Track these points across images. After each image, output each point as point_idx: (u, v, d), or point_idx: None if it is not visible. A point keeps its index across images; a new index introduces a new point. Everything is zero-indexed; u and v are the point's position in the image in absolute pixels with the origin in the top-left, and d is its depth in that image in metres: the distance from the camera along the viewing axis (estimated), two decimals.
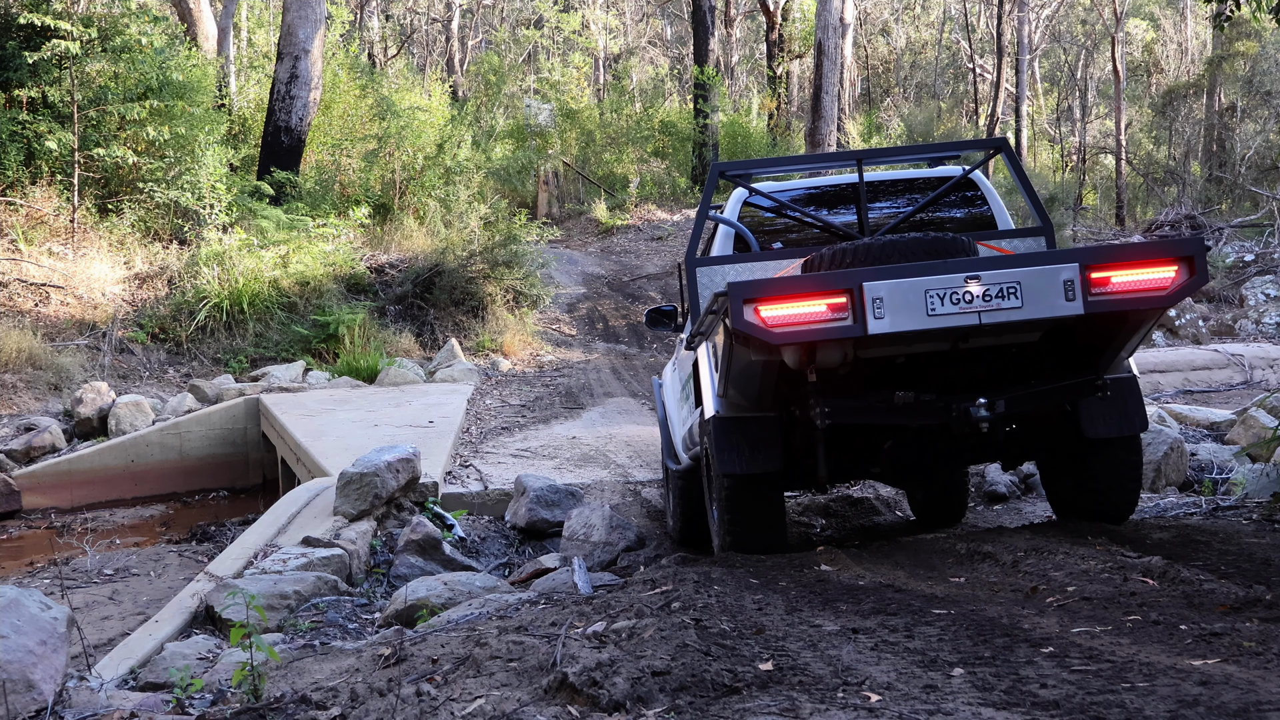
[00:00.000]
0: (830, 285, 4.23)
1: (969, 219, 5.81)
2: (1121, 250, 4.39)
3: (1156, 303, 4.33)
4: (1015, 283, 4.23)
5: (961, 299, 4.22)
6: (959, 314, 4.22)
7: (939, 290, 4.22)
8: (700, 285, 5.40)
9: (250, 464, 11.43)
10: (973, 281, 4.21)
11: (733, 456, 4.81)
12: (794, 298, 4.20)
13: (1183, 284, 4.27)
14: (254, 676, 3.49)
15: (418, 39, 39.90)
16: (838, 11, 19.36)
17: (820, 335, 4.24)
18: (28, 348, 12.39)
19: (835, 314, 4.21)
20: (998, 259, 4.41)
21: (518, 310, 15.44)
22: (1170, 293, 4.28)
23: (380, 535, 6.95)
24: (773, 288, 4.23)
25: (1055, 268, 4.25)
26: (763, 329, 4.16)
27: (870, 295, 4.17)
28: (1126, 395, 4.86)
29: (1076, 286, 4.24)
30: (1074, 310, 4.25)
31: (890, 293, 4.19)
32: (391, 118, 17.88)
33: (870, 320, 4.17)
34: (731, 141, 24.87)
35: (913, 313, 4.21)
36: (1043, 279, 4.23)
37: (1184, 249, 4.31)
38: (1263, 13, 8.09)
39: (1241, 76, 31.04)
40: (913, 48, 40.85)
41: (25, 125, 14.50)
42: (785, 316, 4.19)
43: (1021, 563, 4.68)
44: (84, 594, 7.27)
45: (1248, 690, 2.68)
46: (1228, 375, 14.38)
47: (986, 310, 4.22)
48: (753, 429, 4.82)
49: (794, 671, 3.00)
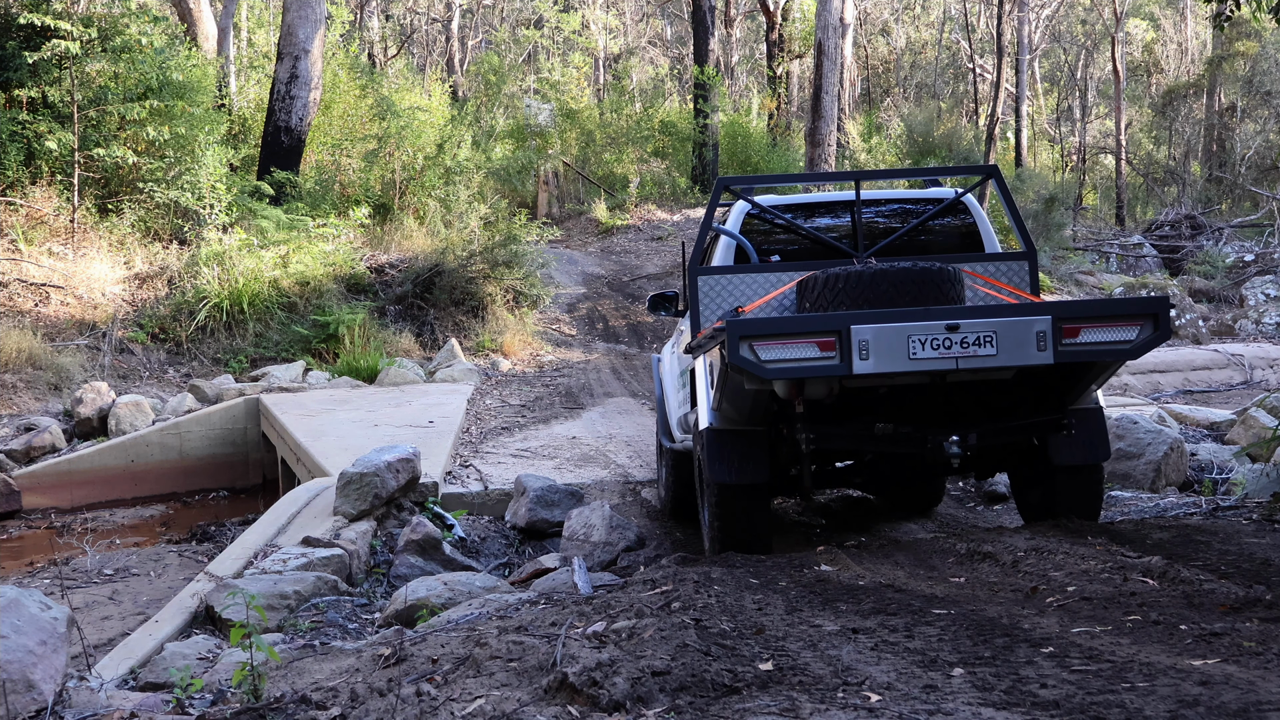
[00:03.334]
0: (819, 327, 4.54)
1: (959, 240, 6.11)
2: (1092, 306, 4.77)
3: (1121, 356, 4.68)
4: (991, 332, 4.55)
5: (941, 345, 4.54)
6: (938, 359, 4.54)
7: (921, 336, 4.53)
8: (701, 293, 5.71)
9: (250, 464, 11.42)
10: (954, 329, 4.52)
11: (723, 467, 5.11)
12: (786, 338, 4.51)
13: (1147, 339, 4.62)
14: (254, 676, 3.49)
15: (418, 39, 39.90)
16: (838, 11, 19.35)
17: (808, 372, 4.56)
18: (28, 348, 12.39)
19: (824, 353, 4.51)
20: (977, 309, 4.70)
21: (518, 310, 15.43)
22: (1134, 347, 4.63)
23: (380, 535, 6.95)
24: (767, 327, 4.58)
25: (1030, 319, 4.58)
26: (756, 364, 4.47)
27: (856, 338, 4.49)
28: (1091, 427, 5.18)
29: (1048, 338, 4.56)
30: (1044, 360, 4.57)
31: (875, 336, 4.51)
32: (391, 118, 17.87)
33: (856, 361, 4.49)
34: (731, 141, 24.85)
35: (895, 356, 4.52)
36: (1017, 330, 4.55)
37: (1149, 307, 4.65)
38: (1263, 13, 8.09)
39: (1241, 76, 31.03)
40: (913, 48, 40.84)
41: (25, 125, 14.50)
42: (777, 354, 4.49)
43: (1021, 563, 4.68)
44: (84, 594, 7.27)
45: (1248, 690, 2.68)
46: (1228, 375, 14.38)
47: (964, 356, 4.55)
48: (742, 442, 5.11)
49: (794, 671, 3.00)
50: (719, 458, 5.13)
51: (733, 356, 4.48)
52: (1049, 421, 5.15)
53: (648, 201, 23.15)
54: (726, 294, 5.77)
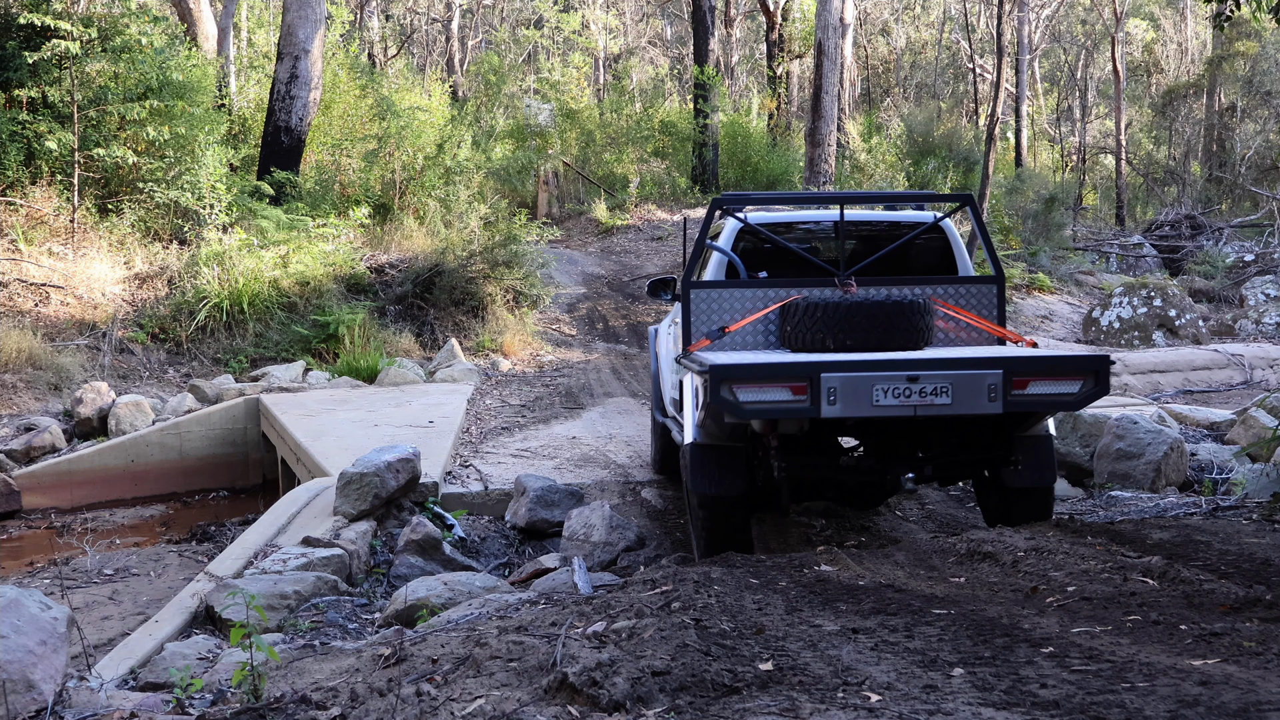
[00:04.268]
0: (792, 374, 4.92)
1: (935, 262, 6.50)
2: (1040, 361, 5.10)
3: (1065, 407, 5.11)
4: (948, 383, 4.95)
5: (902, 393, 4.93)
6: (898, 405, 4.94)
7: (884, 385, 4.92)
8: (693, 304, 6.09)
9: (250, 464, 11.42)
10: (913, 380, 4.92)
11: (705, 480, 5.49)
12: (763, 383, 4.91)
13: (1089, 393, 5.05)
14: (254, 676, 3.49)
15: (418, 39, 39.90)
16: (838, 11, 19.35)
17: (781, 414, 5.00)
18: (28, 348, 12.39)
19: (796, 396, 4.89)
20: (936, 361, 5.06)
21: (518, 310, 15.43)
22: (1077, 399, 5.05)
23: (380, 535, 6.95)
24: (745, 373, 4.92)
25: (983, 373, 4.95)
26: (735, 405, 4.87)
27: (826, 385, 4.88)
28: (1040, 454, 5.59)
29: (999, 390, 4.95)
30: (994, 409, 4.98)
31: (842, 384, 4.90)
32: (391, 118, 17.87)
33: (824, 405, 4.88)
34: (731, 141, 24.84)
35: (860, 402, 4.91)
36: (971, 382, 4.95)
37: (1092, 365, 5.06)
38: (1263, 13, 8.09)
39: (1241, 76, 31.03)
40: (913, 48, 40.84)
41: (25, 125, 14.50)
42: (754, 396, 4.89)
43: (1021, 563, 4.68)
44: (84, 594, 7.27)
45: (1248, 690, 2.68)
46: (1228, 375, 14.38)
47: (921, 405, 4.95)
48: (723, 457, 5.49)
49: (794, 671, 3.00)
50: (701, 471, 5.49)
51: (714, 397, 4.83)
52: (995, 452, 5.61)
53: (648, 201, 23.15)
54: (717, 306, 6.12)
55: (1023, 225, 21.74)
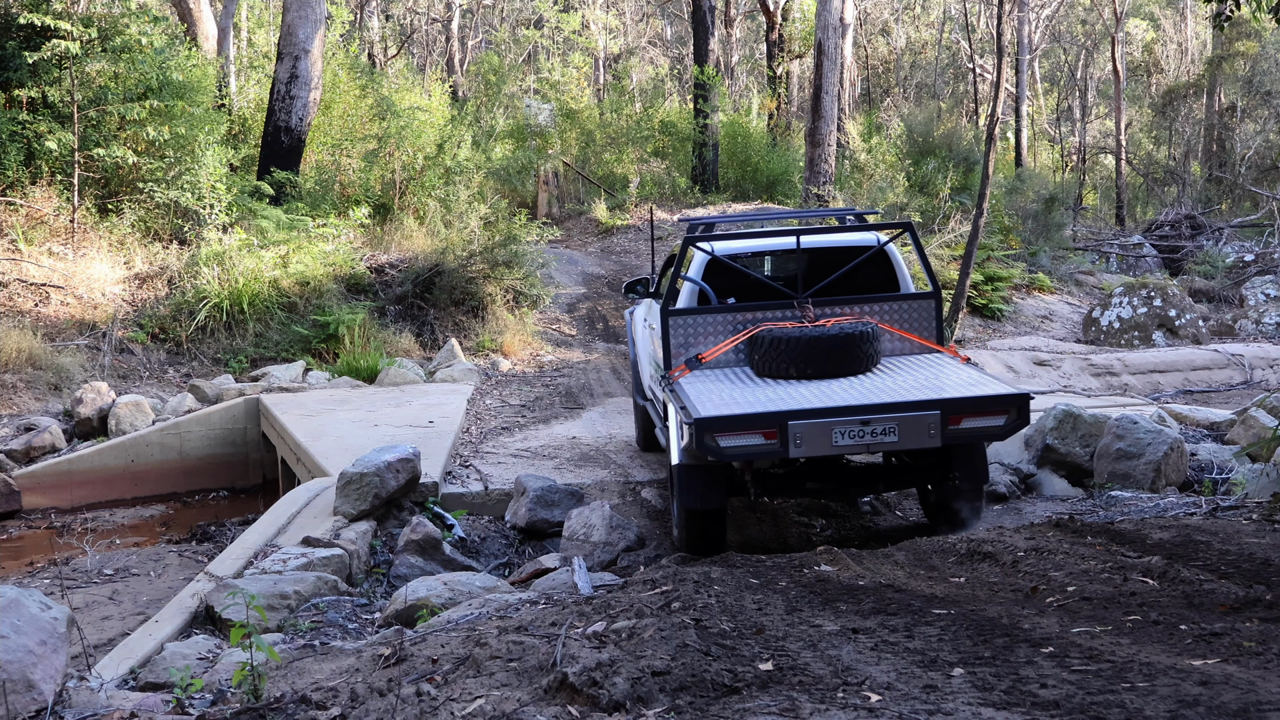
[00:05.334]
0: (764, 424, 5.75)
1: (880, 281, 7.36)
2: (971, 401, 5.93)
3: (993, 437, 6.08)
4: (895, 424, 5.81)
5: (856, 434, 5.79)
6: (853, 444, 5.82)
7: (841, 428, 5.77)
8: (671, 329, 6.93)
9: (250, 464, 11.42)
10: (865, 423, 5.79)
11: (690, 496, 6.26)
12: (739, 431, 5.73)
13: (1012, 424, 5.95)
14: (254, 676, 3.49)
15: (418, 39, 39.90)
16: (838, 11, 19.33)
17: (755, 455, 5.89)
18: (28, 348, 12.38)
19: (767, 441, 5.74)
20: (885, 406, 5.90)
21: (518, 310, 15.43)
22: (1002, 430, 5.97)
23: (380, 535, 6.95)
24: (725, 424, 5.73)
25: (924, 414, 5.82)
26: (716, 449, 5.69)
27: (793, 431, 5.73)
28: (974, 462, 6.44)
29: (938, 427, 5.80)
30: (934, 443, 5.87)
31: (806, 429, 5.75)
32: (391, 118, 17.86)
33: (791, 447, 5.75)
34: (731, 141, 24.82)
35: (821, 443, 5.79)
36: (914, 422, 5.82)
37: (1014, 402, 5.94)
38: (1263, 13, 8.10)
39: (1241, 76, 31.03)
40: (913, 48, 40.84)
41: (25, 125, 14.49)
42: (732, 442, 5.71)
43: (1021, 563, 4.68)
44: (84, 594, 7.27)
45: (1248, 690, 2.68)
46: (1228, 375, 14.38)
47: (873, 443, 5.84)
48: (705, 476, 6.26)
49: (794, 671, 3.00)
50: (687, 489, 6.27)
51: (699, 444, 5.66)
52: (934, 474, 6.63)
53: (648, 201, 23.15)
54: (692, 331, 6.98)
55: (1023, 225, 21.72)
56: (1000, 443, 8.35)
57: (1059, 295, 19.64)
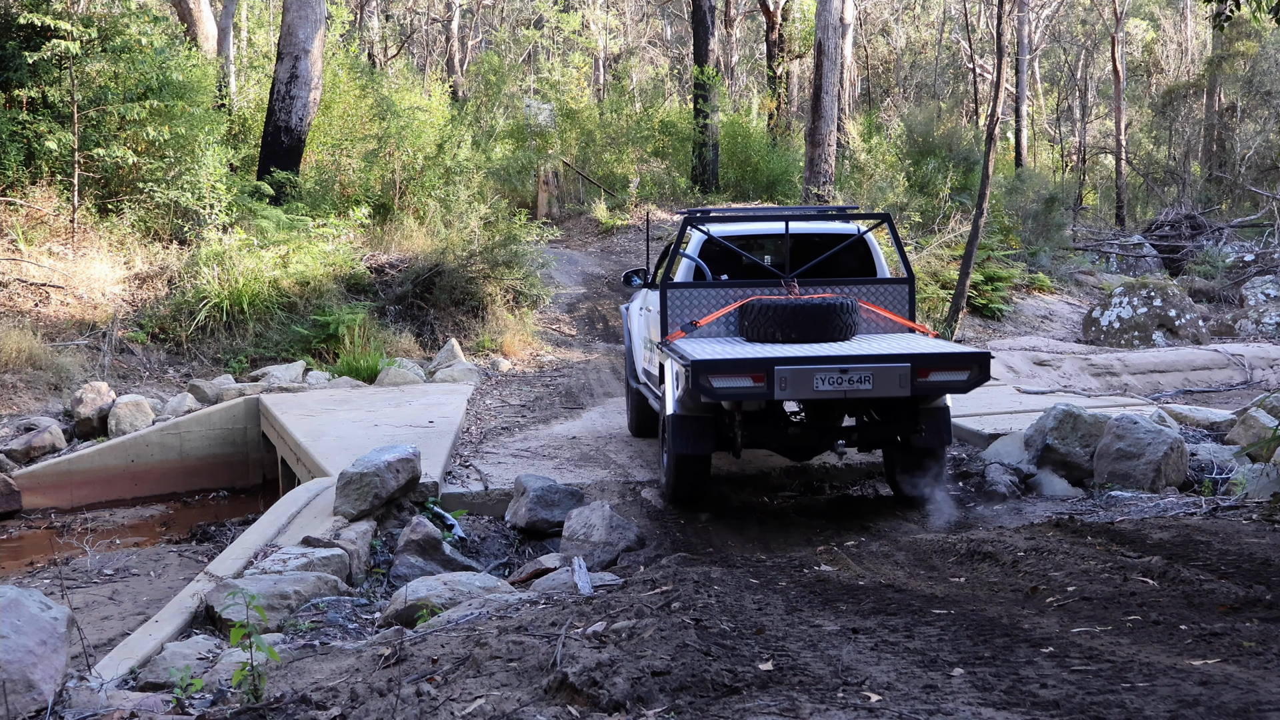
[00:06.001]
0: (753, 368, 6.40)
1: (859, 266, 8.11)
2: (938, 357, 6.61)
3: (957, 390, 6.64)
4: (870, 373, 6.44)
5: (835, 380, 6.41)
6: (832, 390, 6.45)
7: (822, 375, 6.41)
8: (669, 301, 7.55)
9: (250, 464, 11.41)
10: (844, 371, 6.41)
11: (683, 442, 7.00)
12: (731, 374, 6.40)
13: (974, 379, 6.57)
14: (254, 676, 3.49)
15: (418, 39, 39.90)
16: (838, 11, 19.33)
17: (744, 396, 6.57)
18: (28, 348, 12.38)
19: (755, 384, 6.39)
20: (861, 357, 6.55)
21: (518, 310, 15.43)
22: (966, 384, 6.57)
23: (380, 535, 6.94)
24: (719, 366, 6.39)
25: (895, 366, 6.45)
26: (711, 389, 6.37)
27: (778, 376, 6.37)
28: (939, 421, 7.05)
29: (908, 378, 6.42)
30: (904, 393, 6.50)
31: (790, 375, 6.39)
32: (391, 118, 17.86)
33: (776, 390, 6.38)
34: (731, 141, 24.81)
35: (803, 387, 6.43)
36: (887, 373, 6.44)
37: (976, 359, 6.61)
38: (1263, 13, 8.10)
39: (1241, 76, 31.03)
40: (913, 48, 40.83)
41: (25, 125, 14.49)
42: (724, 384, 6.39)
43: (1021, 563, 4.68)
44: (84, 594, 7.27)
45: (1248, 690, 2.69)
46: (1228, 375, 14.39)
47: (850, 390, 6.44)
48: (697, 425, 6.97)
49: (794, 671, 3.00)
50: (680, 436, 6.99)
51: (694, 384, 6.30)
52: (903, 425, 7.11)
53: (648, 201, 23.15)
54: (688, 303, 7.61)
55: (1023, 225, 21.72)
56: (1000, 443, 8.39)
57: (1059, 295, 19.65)
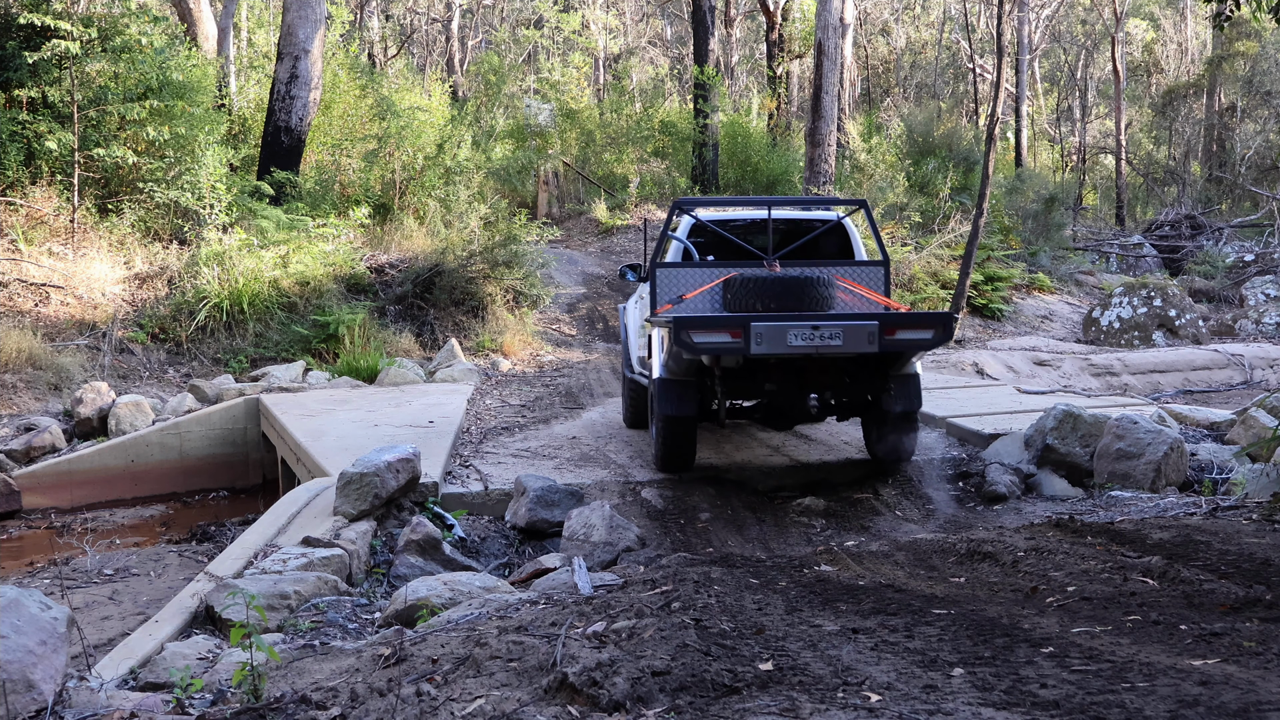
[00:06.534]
0: (731, 324, 6.74)
1: (837, 249, 8.57)
2: (904, 316, 7.04)
3: (922, 348, 6.96)
4: (840, 330, 6.76)
5: (807, 336, 6.72)
6: (805, 345, 6.75)
7: (795, 331, 6.73)
8: (659, 280, 8.03)
9: (250, 464, 11.42)
10: (815, 328, 6.74)
11: (669, 404, 7.42)
12: (710, 330, 6.76)
13: (938, 337, 6.88)
14: (254, 676, 3.49)
15: (418, 39, 39.90)
16: (838, 11, 19.33)
17: (722, 350, 6.82)
18: (28, 348, 12.38)
19: (733, 339, 6.71)
20: (831, 315, 6.91)
21: (518, 310, 15.43)
22: (930, 342, 6.88)
23: (380, 535, 6.94)
24: (699, 322, 6.78)
25: (864, 324, 6.79)
26: (692, 344, 6.70)
27: (754, 331, 6.69)
28: (909, 387, 7.42)
29: (876, 335, 6.75)
30: (872, 349, 6.81)
31: (765, 331, 6.71)
32: (391, 118, 17.87)
33: (752, 345, 6.70)
34: (731, 141, 24.82)
35: (777, 342, 6.72)
36: (856, 330, 6.77)
37: (940, 319, 6.92)
38: (1263, 13, 8.10)
39: (1241, 76, 31.02)
40: (913, 48, 40.83)
41: (25, 125, 14.49)
42: (705, 339, 6.72)
43: (1021, 563, 4.68)
44: (84, 594, 7.27)
45: (1248, 690, 2.68)
46: (1228, 375, 14.39)
47: (821, 345, 6.75)
48: (681, 388, 7.38)
49: (794, 671, 3.00)
50: (666, 398, 7.40)
51: (676, 339, 6.65)
52: (876, 385, 7.47)
53: (648, 201, 23.15)
54: (676, 281, 8.04)
55: (1023, 225, 21.73)
56: (1000, 443, 8.40)
57: (1059, 295, 19.65)
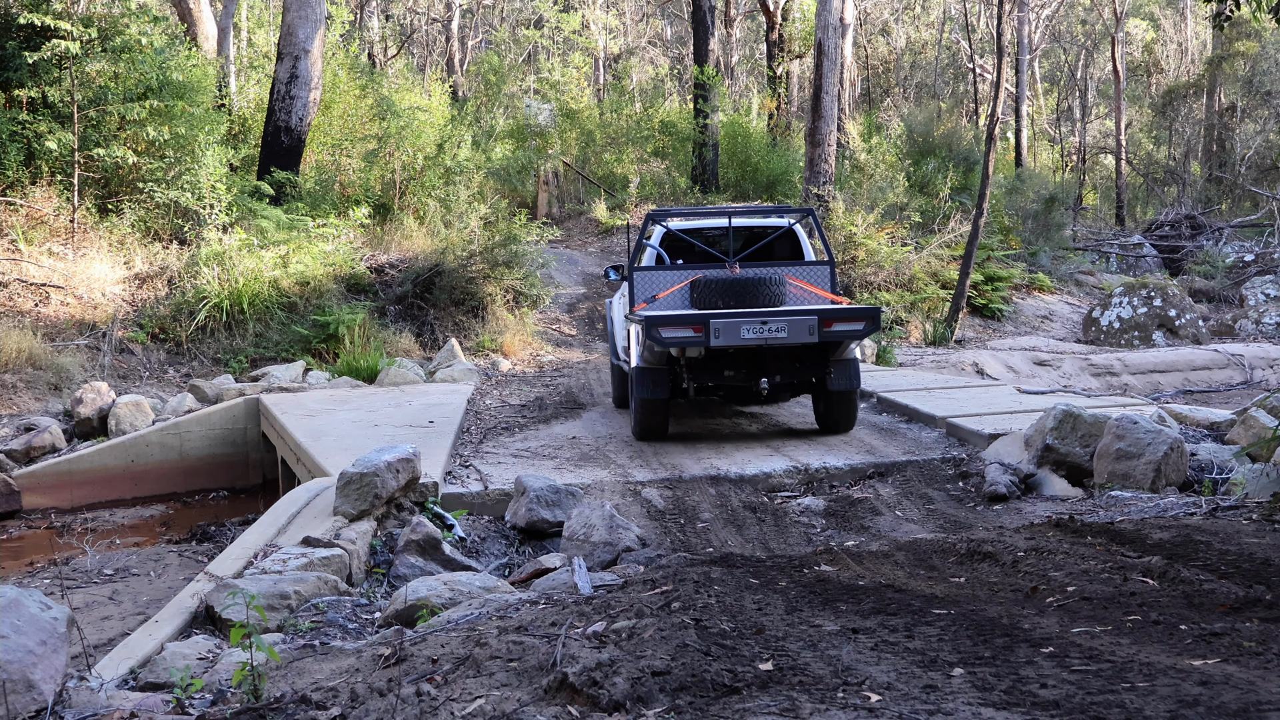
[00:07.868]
0: (693, 320, 8.10)
1: (789, 251, 10.00)
2: (838, 312, 8.37)
3: (854, 337, 8.32)
4: (785, 324, 8.16)
5: (758, 331, 8.12)
6: (756, 338, 8.16)
7: (748, 326, 8.12)
8: (636, 281, 9.36)
9: (250, 464, 11.41)
10: (765, 323, 8.13)
11: (644, 389, 8.77)
12: (675, 325, 8.06)
13: (868, 329, 8.31)
14: (254, 676, 3.49)
15: (418, 39, 39.90)
16: (838, 11, 19.33)
17: (686, 344, 8.17)
18: (28, 348, 12.38)
19: (695, 333, 8.05)
20: (777, 312, 8.36)
21: (518, 310, 15.44)
22: (861, 333, 8.28)
23: (380, 535, 6.94)
24: (666, 320, 8.08)
25: (805, 319, 8.17)
26: (661, 339, 8.05)
27: (713, 327, 8.06)
28: (849, 369, 8.77)
29: (815, 328, 8.15)
30: (813, 340, 8.21)
31: (723, 326, 8.09)
32: (391, 118, 17.87)
33: (712, 338, 8.08)
34: (731, 141, 24.82)
35: (733, 335, 8.12)
36: (799, 324, 8.17)
37: (869, 313, 8.37)
38: (1263, 13, 8.10)
39: (1241, 76, 31.02)
40: (913, 48, 40.83)
41: (25, 125, 14.49)
42: (670, 334, 8.04)
43: (1021, 563, 4.68)
44: (84, 594, 7.27)
45: (1248, 690, 2.68)
46: (1228, 375, 14.39)
47: (769, 338, 8.17)
48: (655, 375, 8.73)
49: (794, 671, 3.00)
50: (642, 384, 8.74)
51: (647, 335, 7.99)
52: (817, 369, 8.78)
53: (648, 201, 23.14)
54: (651, 282, 9.37)
55: (1023, 225, 21.73)
56: (1000, 443, 8.41)
57: (1059, 295, 19.65)
